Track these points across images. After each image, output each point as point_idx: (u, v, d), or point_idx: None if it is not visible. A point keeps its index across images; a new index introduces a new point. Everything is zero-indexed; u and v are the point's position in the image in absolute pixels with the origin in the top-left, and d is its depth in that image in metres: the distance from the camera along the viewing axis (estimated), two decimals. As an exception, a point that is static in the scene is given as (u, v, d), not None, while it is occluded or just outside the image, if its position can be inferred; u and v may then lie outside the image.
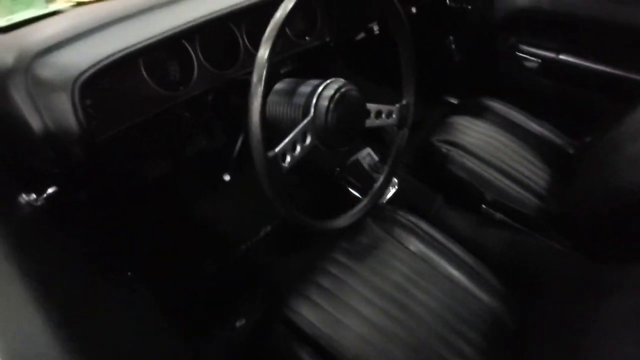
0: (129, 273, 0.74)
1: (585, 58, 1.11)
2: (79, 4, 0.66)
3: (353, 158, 0.99)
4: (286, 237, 1.01)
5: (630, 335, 0.46)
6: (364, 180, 1.02)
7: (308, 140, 0.52)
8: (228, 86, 0.66)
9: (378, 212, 0.84)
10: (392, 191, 1.00)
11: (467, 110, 1.17)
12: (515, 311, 0.71)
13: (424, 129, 1.15)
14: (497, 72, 1.28)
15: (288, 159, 0.49)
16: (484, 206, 0.94)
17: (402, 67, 0.64)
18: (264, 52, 0.43)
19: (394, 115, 0.64)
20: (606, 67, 1.08)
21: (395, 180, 1.02)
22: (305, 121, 0.51)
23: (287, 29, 0.72)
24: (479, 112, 1.16)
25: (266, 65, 0.42)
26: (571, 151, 1.10)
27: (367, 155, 0.99)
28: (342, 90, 0.52)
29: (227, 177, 0.72)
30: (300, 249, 0.90)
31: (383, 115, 0.62)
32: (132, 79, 0.56)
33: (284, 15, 0.44)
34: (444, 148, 1.02)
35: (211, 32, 0.61)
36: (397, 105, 0.64)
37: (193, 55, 0.60)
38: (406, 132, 0.67)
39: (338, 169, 1.03)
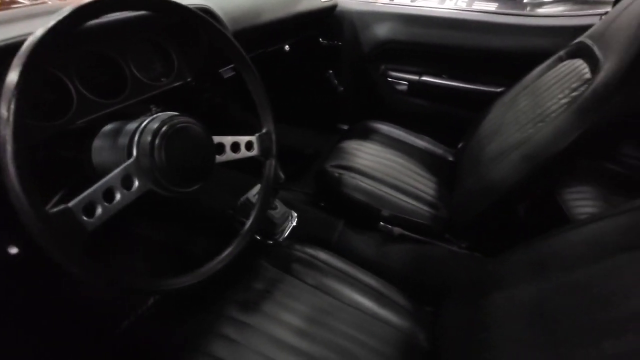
0: None
1: (442, 77, 1.26)
2: None
3: (244, 198, 0.91)
4: (173, 303, 0.86)
5: (521, 320, 0.44)
6: (263, 220, 0.94)
7: (136, 184, 0.43)
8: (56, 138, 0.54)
9: (273, 252, 0.76)
10: (290, 226, 0.93)
11: (356, 134, 1.21)
12: (425, 326, 0.67)
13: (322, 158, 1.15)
14: (376, 97, 1.38)
15: (99, 211, 0.39)
16: (381, 223, 0.93)
17: (255, 98, 0.60)
18: (13, 78, 0.34)
19: (255, 146, 0.59)
20: (460, 82, 1.24)
21: (294, 213, 0.96)
22: (126, 163, 0.42)
23: (138, 73, 0.65)
24: (366, 134, 1.21)
25: (14, 97, 0.33)
26: (451, 158, 1.19)
27: (257, 193, 0.92)
28: (171, 123, 0.45)
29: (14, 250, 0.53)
30: (191, 314, 0.76)
31: (242, 148, 0.57)
32: None
33: (32, 44, 0.35)
34: (337, 173, 1.02)
35: None
36: (257, 134, 0.60)
37: None
38: (273, 162, 0.63)
39: (231, 211, 0.94)
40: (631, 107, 0.64)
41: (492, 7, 2.69)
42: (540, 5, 2.51)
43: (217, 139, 0.53)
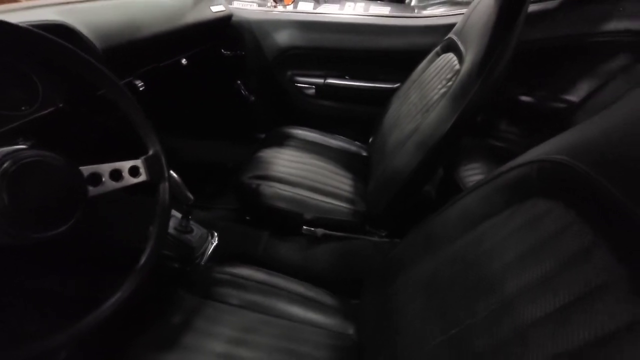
0: None
1: (345, 78, 1.32)
2: None
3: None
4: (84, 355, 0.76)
5: (420, 297, 0.48)
6: (178, 246, 0.88)
7: None
8: None
9: (190, 278, 0.72)
10: (211, 247, 0.89)
11: (272, 142, 1.21)
12: (354, 319, 0.69)
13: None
14: (287, 103, 1.39)
15: None
16: (305, 227, 0.94)
17: (131, 119, 0.55)
18: None
19: (142, 171, 0.55)
20: (362, 82, 1.32)
21: (215, 233, 0.92)
22: None
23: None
24: (281, 141, 1.22)
25: None
26: (365, 153, 1.26)
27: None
28: (15, 159, 0.39)
29: None
30: None
31: (125, 175, 0.52)
32: None
33: None
34: (255, 184, 1.00)
35: None
36: (142, 158, 0.55)
37: None
38: (167, 186, 0.59)
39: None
40: (491, 90, 0.73)
41: (386, 10, 2.95)
42: (425, 7, 2.83)
43: (88, 169, 0.47)
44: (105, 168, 0.49)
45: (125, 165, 0.52)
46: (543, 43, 1.04)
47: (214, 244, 0.92)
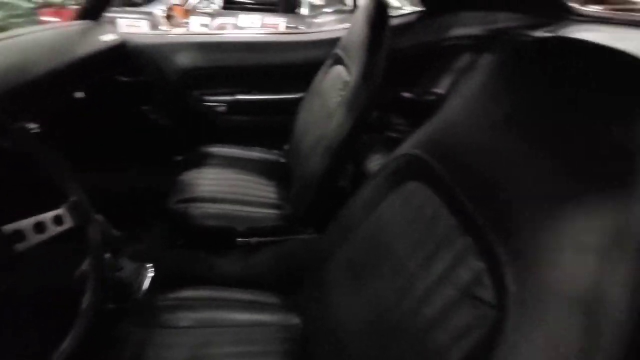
0: None
1: (253, 93, 1.40)
2: None
3: (80, 269, 0.81)
4: None
5: (345, 278, 0.59)
6: (111, 286, 0.86)
7: None
8: None
9: (133, 312, 0.72)
10: (147, 279, 0.89)
11: (192, 164, 1.22)
12: (297, 310, 0.78)
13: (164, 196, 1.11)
14: (200, 123, 1.41)
15: None
16: (239, 239, 1.00)
17: (46, 169, 0.55)
18: None
19: (65, 219, 0.55)
20: (269, 95, 1.41)
21: (148, 265, 0.92)
22: None
23: None
24: (201, 161, 1.24)
25: None
26: (283, 160, 1.35)
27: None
28: None
29: None
30: None
31: (49, 225, 0.52)
32: None
33: None
34: (182, 207, 1.02)
35: None
36: (64, 205, 0.55)
37: None
38: (96, 227, 0.59)
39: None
40: (376, 94, 0.89)
41: (281, 20, 3.11)
42: (316, 16, 3.07)
43: (9, 227, 0.47)
44: (26, 223, 0.49)
45: (47, 216, 0.52)
46: (410, 49, 1.27)
47: (149, 275, 0.92)
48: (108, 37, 1.08)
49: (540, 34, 1.10)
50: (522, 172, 0.34)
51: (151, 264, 0.94)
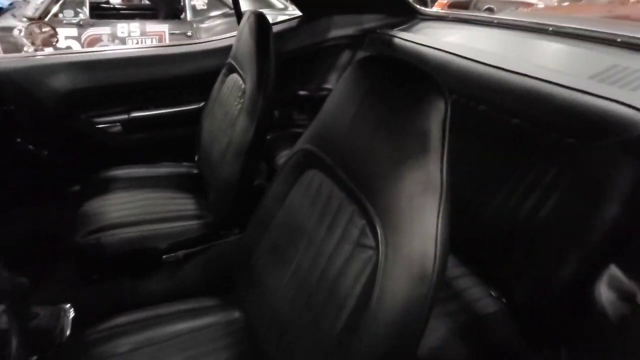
0: None
1: (150, 109, 1.36)
2: None
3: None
4: None
5: (272, 262, 0.68)
6: (31, 337, 0.79)
7: None
8: None
9: (63, 356, 0.70)
10: (69, 320, 0.84)
11: (93, 192, 1.14)
12: (236, 305, 0.84)
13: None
14: (95, 147, 1.32)
15: None
16: (164, 256, 1.00)
17: None
18: None
19: None
20: (167, 108, 1.39)
21: (67, 305, 0.86)
22: None
23: None
24: (104, 187, 1.17)
25: None
26: (195, 171, 1.36)
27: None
28: None
29: None
30: None
31: None
32: None
33: None
34: (93, 239, 0.97)
35: None
36: None
37: None
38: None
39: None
40: (271, 97, 0.98)
41: (164, 28, 2.94)
42: (202, 21, 2.98)
43: None
44: None
45: None
46: (298, 51, 1.40)
47: (70, 316, 0.87)
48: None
49: (396, 31, 1.34)
50: (372, 153, 0.48)
51: (69, 304, 0.89)
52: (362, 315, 0.43)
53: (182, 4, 3.36)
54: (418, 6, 1.41)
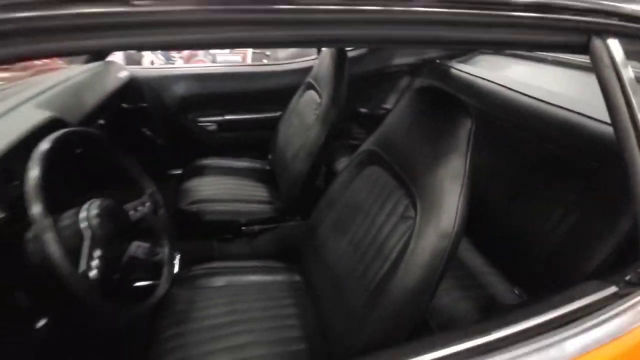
0: None
1: (240, 113, 1.69)
2: None
3: (125, 258, 1.04)
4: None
5: (334, 233, 0.90)
6: (149, 268, 1.09)
7: (97, 253, 0.62)
8: None
9: (177, 280, 0.97)
10: (177, 261, 1.13)
11: (192, 174, 1.47)
12: (295, 271, 1.06)
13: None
14: (195, 141, 1.67)
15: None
16: (243, 228, 1.27)
17: (129, 171, 0.81)
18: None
19: (147, 204, 0.81)
20: (252, 114, 1.70)
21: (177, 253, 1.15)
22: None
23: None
24: (199, 171, 1.49)
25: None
26: (268, 167, 1.64)
27: (137, 248, 1.06)
28: (104, 205, 0.66)
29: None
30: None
31: (139, 208, 0.79)
32: None
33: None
34: (193, 208, 1.27)
35: None
36: (145, 195, 0.82)
37: None
38: (163, 212, 0.86)
39: (116, 275, 1.04)
40: (341, 111, 1.22)
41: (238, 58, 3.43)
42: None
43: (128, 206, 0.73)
44: (130, 205, 0.75)
45: (138, 202, 0.78)
46: (364, 75, 1.64)
47: (178, 256, 1.16)
48: (122, 74, 1.32)
49: (454, 62, 1.52)
50: (419, 153, 0.68)
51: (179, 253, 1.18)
52: (399, 264, 0.63)
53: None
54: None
